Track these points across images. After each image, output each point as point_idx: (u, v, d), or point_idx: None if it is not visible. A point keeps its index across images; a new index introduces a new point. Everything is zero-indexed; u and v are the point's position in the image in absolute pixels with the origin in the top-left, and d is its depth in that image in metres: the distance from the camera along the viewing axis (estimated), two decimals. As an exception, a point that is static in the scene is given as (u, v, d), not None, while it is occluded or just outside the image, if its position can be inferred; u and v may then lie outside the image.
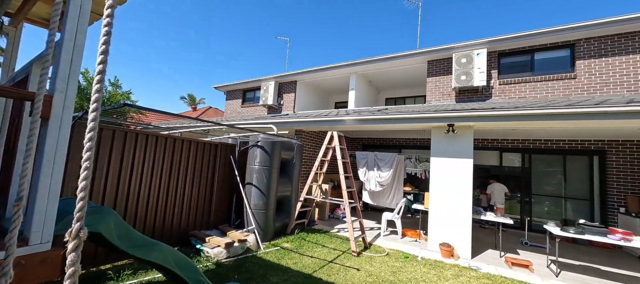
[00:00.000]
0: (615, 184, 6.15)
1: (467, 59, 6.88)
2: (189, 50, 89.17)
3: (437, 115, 4.67)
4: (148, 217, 3.85)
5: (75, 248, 0.66)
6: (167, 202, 4.11)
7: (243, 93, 12.47)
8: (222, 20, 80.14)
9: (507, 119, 4.19)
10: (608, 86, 5.80)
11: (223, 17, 78.88)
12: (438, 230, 4.93)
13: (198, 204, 4.59)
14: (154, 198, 3.92)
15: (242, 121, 7.65)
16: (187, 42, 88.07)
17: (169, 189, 4.12)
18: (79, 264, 0.66)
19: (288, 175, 5.49)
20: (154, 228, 3.93)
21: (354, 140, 10.33)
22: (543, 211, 7.05)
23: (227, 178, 5.20)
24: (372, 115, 5.46)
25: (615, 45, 5.81)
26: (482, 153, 7.80)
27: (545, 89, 6.36)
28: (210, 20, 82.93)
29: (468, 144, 4.78)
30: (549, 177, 7.09)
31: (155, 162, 3.94)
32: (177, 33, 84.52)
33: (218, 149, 4.97)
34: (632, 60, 5.63)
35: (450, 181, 4.87)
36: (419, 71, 8.48)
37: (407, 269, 4.07)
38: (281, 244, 4.74)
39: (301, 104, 10.71)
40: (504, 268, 4.32)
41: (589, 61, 6.02)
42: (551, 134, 6.59)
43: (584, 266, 4.66)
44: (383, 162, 6.02)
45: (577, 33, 6.04)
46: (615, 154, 6.20)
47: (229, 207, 5.25)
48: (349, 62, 8.97)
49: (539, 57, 6.64)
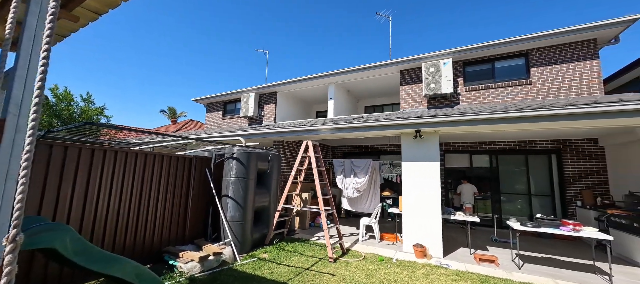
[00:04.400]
0: (571, 180, 6.67)
1: (435, 68, 7.33)
2: (172, 62, 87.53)
3: (405, 122, 4.95)
4: (118, 235, 3.77)
5: (12, 251, 0.75)
6: (139, 219, 4.04)
7: (224, 105, 12.45)
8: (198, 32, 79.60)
9: (465, 124, 4.52)
10: (559, 90, 6.37)
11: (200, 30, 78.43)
12: (411, 232, 5.12)
13: (172, 220, 4.53)
14: (123, 215, 3.86)
15: (209, 135, 7.64)
16: (170, 55, 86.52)
17: (140, 205, 4.06)
18: (15, 264, 0.75)
19: (266, 186, 5.54)
20: (124, 246, 3.84)
21: (335, 148, 10.53)
22: (512, 208, 7.47)
23: (202, 192, 5.18)
24: (346, 124, 5.68)
25: (562, 54, 6.43)
26: (454, 156, 8.21)
27: (505, 95, 6.88)
28: (189, 33, 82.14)
29: (435, 148, 5.07)
30: (515, 176, 7.57)
31: (125, 179, 3.89)
32: (159, 45, 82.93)
33: (192, 162, 4.97)
34: (578, 67, 6.24)
35: (420, 183, 5.12)
36: (393, 80, 8.90)
37: (381, 271, 4.19)
38: (259, 255, 4.74)
39: (282, 114, 10.84)
40: (473, 264, 4.56)
41: (541, 68, 6.60)
42: (513, 136, 7.08)
43: (545, 257, 5.00)
44: (359, 169, 6.21)
45: (530, 43, 6.64)
46: (570, 153, 6.76)
47: (205, 221, 5.20)
48: (327, 73, 9.26)
49: (498, 66, 7.20)
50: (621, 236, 5.01)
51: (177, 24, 75.53)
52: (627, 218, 4.84)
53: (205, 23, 75.14)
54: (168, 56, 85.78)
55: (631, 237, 4.78)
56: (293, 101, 11.53)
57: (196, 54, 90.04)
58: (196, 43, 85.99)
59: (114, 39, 76.55)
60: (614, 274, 4.13)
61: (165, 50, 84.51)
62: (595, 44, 6.13)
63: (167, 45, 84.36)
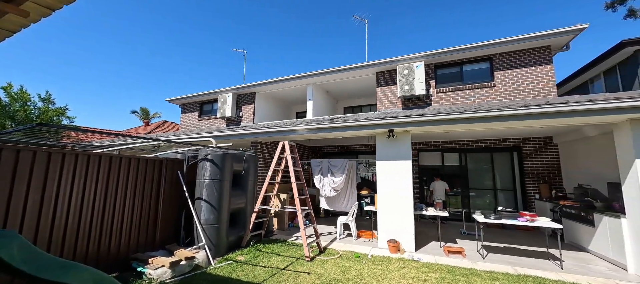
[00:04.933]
0: (530, 175, 7.24)
1: (409, 70, 7.64)
2: (146, 62, 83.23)
3: (378, 122, 5.12)
4: (79, 242, 3.55)
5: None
6: (103, 225, 3.83)
7: (200, 106, 12.08)
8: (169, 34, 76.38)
9: (433, 124, 4.78)
10: (519, 92, 6.89)
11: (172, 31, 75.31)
12: (386, 228, 5.30)
13: (140, 225, 4.34)
14: (86, 222, 3.64)
15: (178, 137, 7.40)
16: (143, 55, 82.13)
17: (104, 210, 3.85)
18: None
19: (242, 187, 5.47)
20: (86, 253, 3.62)
21: (314, 149, 10.60)
22: (481, 203, 7.96)
23: (174, 195, 5.01)
24: (322, 124, 5.75)
25: (521, 59, 6.96)
26: (428, 155, 8.59)
27: (472, 96, 7.33)
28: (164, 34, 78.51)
29: (407, 147, 5.29)
30: (482, 172, 8.07)
31: (87, 183, 3.67)
32: (133, 45, 78.27)
33: (163, 165, 4.79)
34: (534, 71, 6.79)
35: (393, 181, 5.31)
36: (370, 82, 9.13)
37: (356, 267, 4.30)
38: (235, 257, 4.68)
39: (261, 115, 10.73)
40: (442, 257, 4.81)
41: (503, 72, 7.11)
42: (479, 134, 7.55)
43: (506, 247, 5.39)
44: (336, 168, 6.32)
45: (493, 49, 7.12)
46: (529, 150, 7.34)
47: (177, 225, 5.03)
48: (306, 74, 9.30)
49: (466, 69, 7.65)
50: (571, 224, 5.53)
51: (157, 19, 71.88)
52: (576, 208, 5.35)
53: (182, 20, 72.20)
54: (141, 54, 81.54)
55: (579, 225, 5.29)
56: (272, 101, 11.46)
57: (172, 53, 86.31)
58: (172, 41, 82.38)
59: (79, 36, 71.28)
60: (565, 259, 4.56)
61: (137, 48, 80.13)
62: (549, 50, 6.71)
63: (140, 43, 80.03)
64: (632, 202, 4.05)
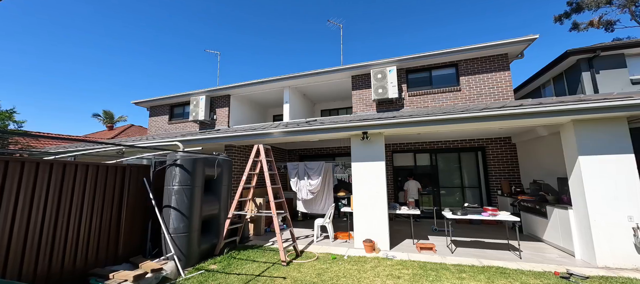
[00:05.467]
0: (493, 172, 7.80)
1: (382, 74, 7.89)
2: (113, 63, 77.46)
3: (352, 124, 5.22)
4: (26, 259, 3.19)
5: None
6: (55, 240, 3.48)
7: (170, 109, 11.50)
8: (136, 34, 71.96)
9: (404, 126, 4.98)
10: (482, 96, 7.41)
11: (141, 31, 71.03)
12: (362, 228, 5.40)
13: (100, 237, 4.00)
14: (34, 236, 3.28)
15: (143, 142, 6.99)
16: (110, 56, 76.31)
17: (57, 223, 3.50)
18: None
19: (215, 193, 5.27)
20: (35, 272, 3.26)
21: (291, 152, 10.54)
22: (451, 200, 8.39)
23: (140, 203, 4.69)
24: (297, 127, 5.74)
25: (483, 65, 7.50)
26: (401, 156, 8.92)
27: (441, 100, 7.74)
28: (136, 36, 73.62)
29: (380, 149, 5.44)
30: (451, 171, 8.53)
31: (35, 193, 3.32)
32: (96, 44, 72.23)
33: (127, 171, 4.48)
34: (495, 77, 7.35)
35: (368, 182, 5.43)
36: (346, 85, 9.29)
37: (332, 269, 4.32)
38: (207, 266, 4.48)
39: (237, 118, 10.46)
40: (415, 253, 4.99)
41: (468, 77, 7.61)
42: (447, 135, 7.99)
43: (473, 241, 5.73)
44: (313, 171, 6.33)
45: (458, 55, 7.60)
46: (491, 149, 7.90)
47: (143, 236, 4.72)
48: (282, 76, 9.25)
49: (435, 74, 8.07)
50: (528, 217, 6.02)
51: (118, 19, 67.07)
52: (532, 202, 5.85)
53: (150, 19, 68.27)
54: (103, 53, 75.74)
55: (535, 217, 5.78)
56: (248, 104, 11.23)
57: (137, 53, 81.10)
58: (137, 40, 77.47)
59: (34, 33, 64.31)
60: (523, 250, 4.95)
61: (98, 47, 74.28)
62: (507, 58, 7.31)
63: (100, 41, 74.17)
64: (577, 195, 4.52)
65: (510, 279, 3.77)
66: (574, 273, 3.84)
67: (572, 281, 3.66)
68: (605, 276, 3.81)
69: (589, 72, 7.53)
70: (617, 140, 4.29)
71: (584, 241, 4.42)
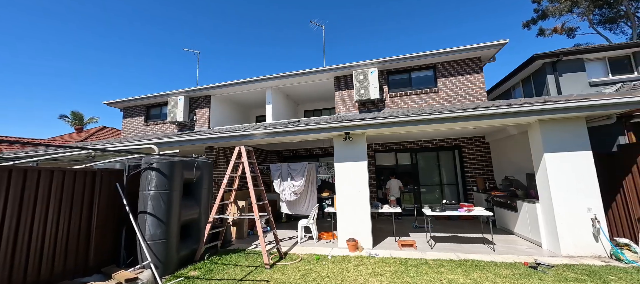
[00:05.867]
0: (469, 170, 8.18)
1: (364, 76, 8.02)
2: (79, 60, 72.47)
3: (335, 125, 5.27)
4: (-20, 276, 2.92)
5: None
6: (15, 252, 3.21)
7: (146, 109, 10.99)
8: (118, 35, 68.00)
9: (385, 126, 5.11)
10: (457, 98, 7.74)
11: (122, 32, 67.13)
12: (345, 228, 5.45)
13: (68, 247, 3.74)
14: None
15: (113, 145, 6.64)
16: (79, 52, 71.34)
17: (16, 234, 3.23)
18: None
19: (194, 197, 5.11)
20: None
21: (275, 153, 10.44)
22: (431, 198, 8.69)
23: (112, 210, 4.45)
24: (280, 128, 5.71)
25: (458, 68, 7.84)
26: (383, 155, 9.12)
27: (420, 101, 8.00)
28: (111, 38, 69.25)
29: (362, 149, 5.53)
30: (431, 170, 8.84)
31: (-8, 202, 3.05)
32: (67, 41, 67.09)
33: (97, 176, 4.22)
34: (469, 79, 7.71)
35: (351, 182, 5.50)
36: (329, 86, 9.34)
37: (316, 270, 4.33)
38: (186, 273, 4.32)
39: (218, 119, 10.19)
40: (397, 250, 5.12)
41: (445, 79, 7.92)
42: (426, 135, 8.27)
43: (451, 236, 5.97)
44: (296, 172, 6.31)
45: (436, 58, 7.89)
46: (467, 148, 8.28)
47: (116, 244, 4.47)
48: (264, 77, 9.13)
49: (415, 76, 8.33)
50: (501, 212, 6.38)
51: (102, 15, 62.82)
52: (503, 197, 6.20)
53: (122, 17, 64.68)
54: (71, 51, 70.82)
55: (506, 212, 6.13)
56: (230, 105, 10.98)
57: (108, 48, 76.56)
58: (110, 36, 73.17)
59: None
60: (496, 243, 5.23)
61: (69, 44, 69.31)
62: (480, 61, 7.70)
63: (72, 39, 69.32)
64: (543, 189, 4.85)
65: (485, 271, 3.97)
66: (541, 263, 4.12)
67: (539, 270, 3.92)
68: (568, 264, 4.12)
69: (553, 75, 8.11)
70: (577, 138, 4.66)
71: (549, 233, 4.75)
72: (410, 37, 59.56)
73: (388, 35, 64.97)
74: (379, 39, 65.29)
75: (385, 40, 64.99)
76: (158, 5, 52.99)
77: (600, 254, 4.37)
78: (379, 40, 64.67)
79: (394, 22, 57.99)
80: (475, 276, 3.81)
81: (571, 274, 3.75)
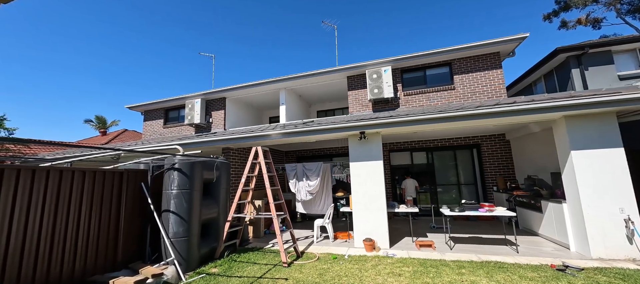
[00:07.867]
0: (489, 169, 7.92)
1: (377, 74, 7.97)
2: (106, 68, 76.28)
3: (350, 125, 5.26)
4: (24, 266, 3.14)
5: None
6: (53, 246, 3.43)
7: (165, 112, 11.41)
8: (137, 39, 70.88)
9: (401, 125, 5.05)
10: (475, 95, 7.53)
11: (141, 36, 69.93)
12: (361, 228, 5.43)
13: (98, 243, 3.96)
14: (32, 243, 3.24)
15: (141, 146, 6.92)
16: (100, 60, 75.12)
17: (54, 230, 3.46)
18: None
19: (213, 196, 5.25)
20: (33, 278, 3.21)
21: (288, 153, 10.54)
22: (447, 198, 8.49)
23: (138, 209, 4.65)
24: (295, 128, 5.76)
25: (476, 64, 7.63)
26: (398, 154, 9.00)
27: (435, 98, 7.84)
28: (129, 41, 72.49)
29: (378, 148, 5.49)
30: (447, 169, 8.64)
31: (32, 200, 3.28)
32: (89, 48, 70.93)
33: (124, 177, 4.43)
34: (488, 75, 7.48)
35: (366, 181, 5.48)
36: (341, 86, 9.34)
37: (333, 269, 4.34)
38: (208, 270, 4.46)
39: (233, 121, 10.42)
40: (414, 251, 5.05)
41: (461, 76, 7.72)
42: (442, 133, 8.09)
43: (471, 237, 5.81)
44: (311, 172, 6.35)
45: (452, 54, 7.70)
46: (486, 146, 8.03)
47: (142, 241, 4.67)
48: (277, 78, 9.26)
49: (429, 73, 8.17)
50: (524, 212, 6.14)
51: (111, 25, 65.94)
52: (526, 197, 5.96)
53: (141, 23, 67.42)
54: (95, 58, 74.66)
55: (530, 212, 5.89)
56: (244, 107, 11.20)
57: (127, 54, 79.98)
58: (129, 44, 76.50)
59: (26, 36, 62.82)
60: (520, 244, 5.04)
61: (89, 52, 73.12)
62: (499, 56, 7.45)
63: (92, 46, 73.01)
64: (570, 189, 4.63)
65: (509, 273, 3.84)
66: (570, 265, 3.94)
67: (568, 273, 3.75)
68: (599, 267, 3.91)
69: (578, 69, 7.72)
70: (607, 134, 4.41)
71: (578, 234, 4.53)
72: (425, 41, 58.36)
73: (403, 38, 64.00)
74: (393, 41, 64.40)
75: (402, 42, 64.06)
76: (171, 8, 54.74)
77: (635, 257, 4.12)
78: (393, 43, 63.80)
79: (407, 29, 56.98)
80: (498, 278, 3.70)
81: (603, 278, 3.56)
